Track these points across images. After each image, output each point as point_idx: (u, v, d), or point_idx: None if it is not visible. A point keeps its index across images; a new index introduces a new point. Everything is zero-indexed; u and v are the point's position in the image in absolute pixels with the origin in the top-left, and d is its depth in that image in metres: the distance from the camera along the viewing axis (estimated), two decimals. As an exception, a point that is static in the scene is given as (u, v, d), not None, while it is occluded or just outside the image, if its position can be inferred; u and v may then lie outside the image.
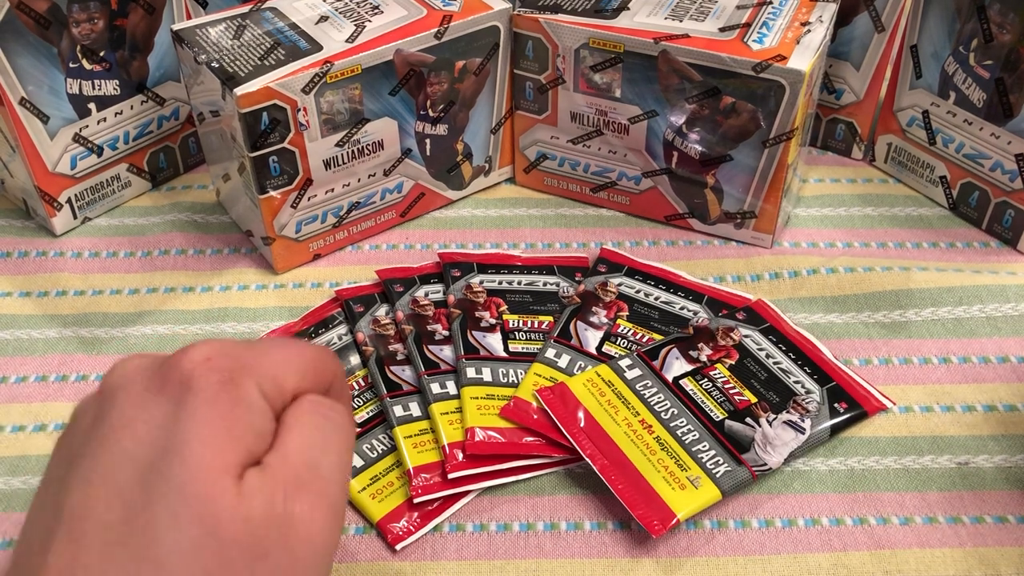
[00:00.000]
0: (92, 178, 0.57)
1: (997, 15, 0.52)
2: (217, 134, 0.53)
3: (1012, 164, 0.55)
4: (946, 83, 0.56)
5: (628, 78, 0.53)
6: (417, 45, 0.52)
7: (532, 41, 0.55)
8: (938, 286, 0.52)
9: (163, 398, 0.28)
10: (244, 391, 0.28)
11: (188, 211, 0.60)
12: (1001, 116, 0.54)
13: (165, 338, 0.51)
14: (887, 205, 0.60)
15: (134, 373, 0.29)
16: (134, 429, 0.27)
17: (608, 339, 0.49)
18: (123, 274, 0.55)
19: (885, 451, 0.45)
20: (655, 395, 0.46)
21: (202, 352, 0.29)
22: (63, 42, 0.53)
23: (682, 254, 0.56)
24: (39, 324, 0.52)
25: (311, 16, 0.53)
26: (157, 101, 0.59)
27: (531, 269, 0.54)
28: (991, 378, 0.48)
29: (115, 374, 0.29)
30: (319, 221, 0.54)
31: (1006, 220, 0.56)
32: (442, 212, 0.60)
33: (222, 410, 0.27)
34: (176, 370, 0.28)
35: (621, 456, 0.43)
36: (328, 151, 0.52)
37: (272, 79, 0.48)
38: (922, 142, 0.60)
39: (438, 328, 0.49)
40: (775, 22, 0.53)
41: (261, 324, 0.52)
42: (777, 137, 0.52)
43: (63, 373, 0.49)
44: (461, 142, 0.58)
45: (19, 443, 0.46)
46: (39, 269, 0.55)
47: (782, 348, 0.49)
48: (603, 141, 0.57)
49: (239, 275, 0.55)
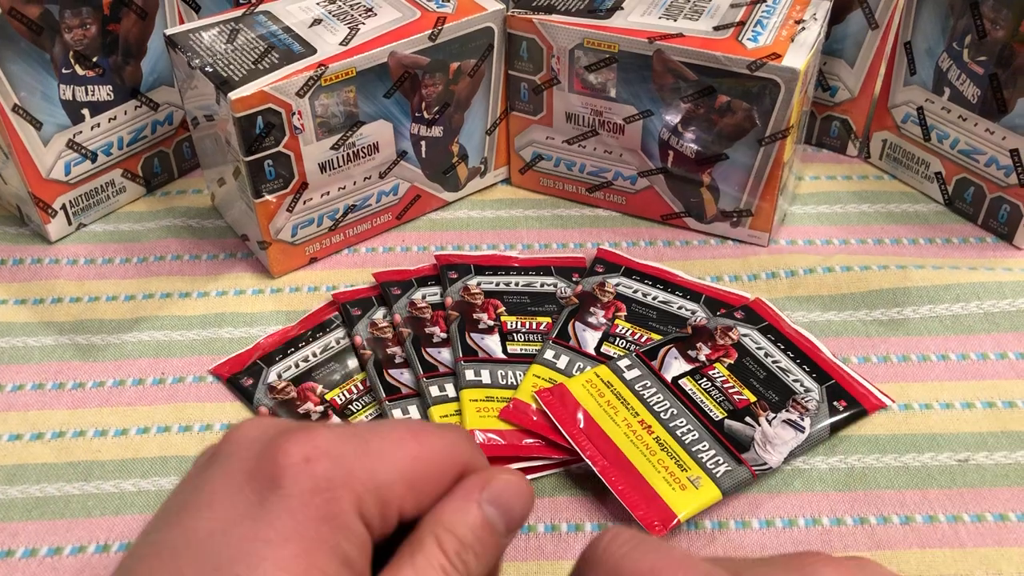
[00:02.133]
0: (86, 184, 0.57)
1: (990, 11, 0.52)
2: (212, 138, 0.53)
3: (1007, 159, 0.55)
4: (940, 79, 0.56)
5: (623, 78, 0.53)
6: (411, 47, 0.52)
7: (526, 42, 0.55)
8: (935, 283, 0.52)
9: (252, 489, 0.24)
10: (339, 507, 0.24)
11: (183, 216, 0.59)
12: (995, 112, 0.54)
13: (162, 344, 0.51)
14: (883, 202, 0.60)
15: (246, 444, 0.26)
16: (215, 514, 0.24)
17: (606, 339, 0.49)
18: (119, 280, 0.55)
19: (885, 449, 0.45)
20: (654, 395, 0.46)
21: (302, 449, 0.25)
22: (56, 48, 0.53)
23: (679, 253, 0.56)
24: (35, 332, 0.52)
25: (304, 19, 0.53)
26: (151, 106, 0.59)
27: (528, 270, 0.54)
28: (989, 374, 0.48)
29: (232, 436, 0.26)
30: (315, 224, 0.54)
31: (1001, 215, 0.57)
32: (438, 214, 0.60)
33: (308, 525, 0.24)
34: (271, 462, 0.24)
35: (621, 457, 0.43)
36: (323, 154, 0.52)
37: (266, 83, 0.48)
38: (917, 138, 0.60)
39: (436, 330, 0.49)
40: (769, 20, 0.53)
41: (258, 329, 0.51)
42: (772, 135, 0.52)
43: (60, 381, 0.49)
44: (456, 144, 0.58)
45: (16, 452, 0.46)
46: (34, 276, 0.55)
47: (781, 347, 0.49)
48: (599, 141, 0.57)
49: (235, 280, 0.55)
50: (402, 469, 0.26)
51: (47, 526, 0.42)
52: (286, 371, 0.48)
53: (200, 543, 0.24)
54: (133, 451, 0.45)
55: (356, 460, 0.25)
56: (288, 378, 0.48)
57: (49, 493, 0.44)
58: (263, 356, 0.49)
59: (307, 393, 0.47)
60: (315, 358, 0.49)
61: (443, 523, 0.26)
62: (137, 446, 0.46)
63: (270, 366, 0.49)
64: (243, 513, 0.24)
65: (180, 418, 0.47)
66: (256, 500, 0.24)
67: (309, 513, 0.24)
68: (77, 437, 0.46)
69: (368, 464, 0.25)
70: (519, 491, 0.27)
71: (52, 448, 0.46)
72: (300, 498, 0.24)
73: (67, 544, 0.42)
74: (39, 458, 0.45)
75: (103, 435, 0.46)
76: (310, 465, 0.24)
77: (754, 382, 0.46)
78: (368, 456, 0.25)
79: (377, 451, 0.26)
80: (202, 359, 0.50)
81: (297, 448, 0.25)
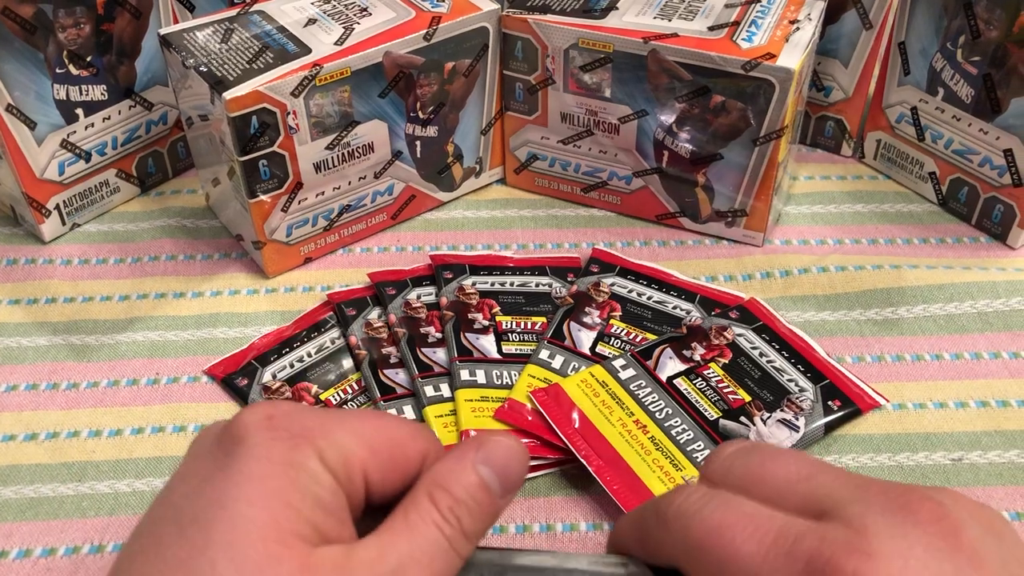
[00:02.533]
0: (80, 184, 0.57)
1: (984, 11, 0.52)
2: (206, 138, 0.53)
3: (1000, 159, 0.55)
4: (934, 79, 0.57)
5: (618, 78, 0.53)
6: (406, 47, 0.52)
7: (521, 42, 0.55)
8: (929, 283, 0.53)
9: (218, 451, 0.26)
10: (302, 454, 0.25)
11: (178, 216, 0.59)
12: (989, 112, 0.54)
13: (156, 344, 0.51)
14: (877, 201, 0.60)
15: (207, 431, 0.27)
16: (187, 482, 0.25)
17: (601, 339, 0.49)
18: (113, 280, 0.55)
19: (879, 448, 0.45)
20: (649, 395, 0.46)
21: (264, 410, 0.26)
22: (49, 47, 0.52)
23: (674, 253, 0.56)
24: (29, 332, 0.52)
25: (299, 19, 0.53)
26: (145, 106, 0.59)
27: (523, 270, 0.54)
28: (983, 374, 0.49)
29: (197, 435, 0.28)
30: (310, 224, 0.54)
31: (995, 215, 0.57)
32: (433, 214, 0.60)
33: (274, 467, 0.25)
34: (234, 425, 0.26)
35: (616, 456, 0.43)
36: (318, 154, 0.52)
37: (261, 83, 0.48)
38: (911, 138, 0.60)
39: (431, 330, 0.49)
40: (764, 20, 0.53)
41: (253, 329, 0.51)
42: (767, 135, 0.52)
43: (54, 381, 0.49)
44: (451, 144, 0.58)
45: (10, 452, 0.45)
46: (28, 276, 0.55)
47: (775, 346, 0.49)
48: (593, 141, 0.57)
49: (230, 280, 0.55)
50: (361, 433, 0.26)
51: (41, 527, 0.42)
52: (281, 371, 0.48)
53: (176, 507, 0.25)
54: (127, 451, 0.45)
55: (315, 421, 0.26)
56: (283, 378, 0.48)
57: (43, 494, 0.44)
58: (258, 356, 0.49)
59: (302, 393, 0.47)
60: (310, 358, 0.49)
61: (437, 481, 0.27)
62: (131, 446, 0.46)
63: (265, 366, 0.48)
64: (212, 470, 0.25)
65: (175, 418, 0.47)
66: (223, 456, 0.25)
67: (274, 457, 0.25)
68: (71, 437, 0.46)
69: (327, 425, 0.26)
70: (514, 453, 0.28)
71: (46, 448, 0.46)
72: (264, 445, 0.25)
73: (61, 545, 0.41)
74: (33, 458, 0.45)
75: (97, 435, 0.46)
76: (272, 420, 0.26)
77: (749, 382, 0.47)
78: (328, 421, 0.26)
79: (337, 418, 0.27)
80: (197, 359, 0.50)
81: (260, 409, 0.26)
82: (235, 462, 0.25)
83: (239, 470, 0.25)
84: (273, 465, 0.25)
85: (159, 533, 0.25)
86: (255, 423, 0.26)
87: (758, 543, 0.24)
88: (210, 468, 0.25)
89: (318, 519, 0.25)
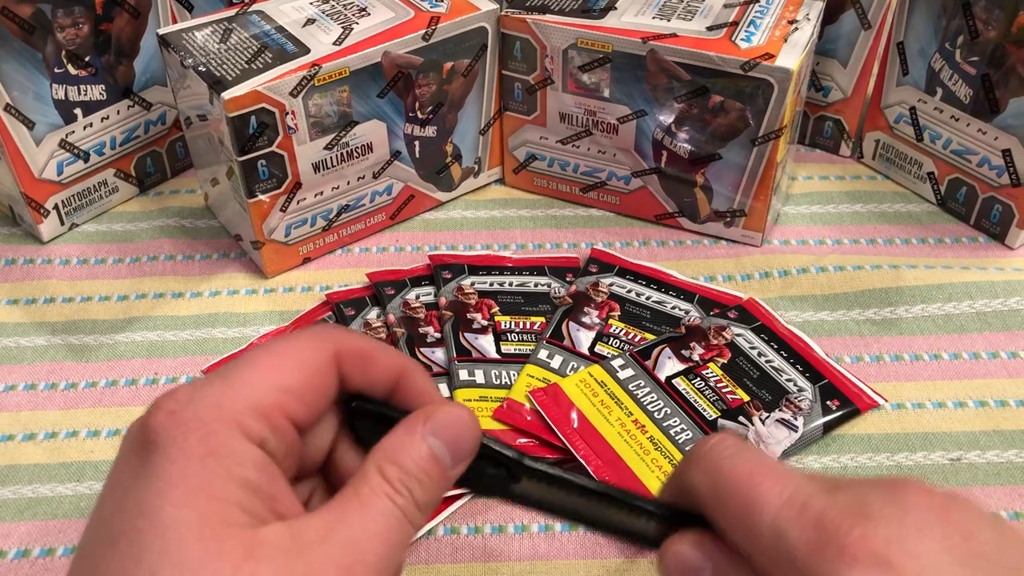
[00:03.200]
0: (79, 184, 0.57)
1: (982, 11, 0.52)
2: (205, 138, 0.53)
3: (999, 159, 0.55)
4: (933, 80, 0.57)
5: (616, 78, 0.53)
6: (405, 47, 0.52)
7: (520, 42, 0.55)
8: (928, 283, 0.53)
9: (135, 459, 0.25)
10: (219, 439, 0.25)
11: (176, 216, 0.59)
12: (988, 112, 0.54)
13: (155, 344, 0.51)
14: (875, 202, 0.60)
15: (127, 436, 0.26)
16: (111, 493, 0.25)
17: (600, 339, 0.49)
18: (112, 280, 0.55)
19: (878, 448, 0.45)
20: (648, 395, 0.46)
21: (166, 406, 0.25)
22: (48, 47, 0.52)
23: (672, 253, 0.56)
24: (27, 332, 0.52)
25: (298, 19, 0.53)
26: (144, 106, 0.59)
27: (522, 270, 0.54)
28: (981, 374, 0.49)
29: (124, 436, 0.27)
30: (308, 224, 0.54)
31: (994, 215, 0.57)
32: (432, 214, 0.60)
33: (196, 465, 0.24)
34: (143, 428, 0.25)
35: (615, 456, 0.43)
36: (317, 154, 0.52)
37: (260, 83, 0.48)
38: (910, 138, 0.60)
39: (430, 330, 0.49)
40: (762, 20, 0.53)
41: (251, 329, 0.51)
42: (766, 135, 0.52)
43: (52, 381, 0.49)
44: (450, 144, 0.58)
45: (8, 452, 0.45)
46: (27, 276, 0.55)
47: (774, 346, 0.49)
48: (592, 141, 0.57)
49: (229, 280, 0.55)
50: (269, 381, 0.26)
51: (40, 527, 0.42)
52: (280, 371, 0.48)
53: (106, 523, 0.24)
54: (126, 451, 0.45)
55: (220, 394, 0.25)
56: (282, 378, 0.48)
57: (42, 494, 0.44)
58: (256, 356, 0.49)
59: (301, 393, 0.47)
60: (309, 358, 0.49)
61: (386, 455, 0.27)
62: (130, 446, 0.45)
63: (263, 366, 0.48)
64: (131, 479, 0.24)
65: (173, 418, 0.47)
66: (138, 463, 0.25)
67: (190, 454, 0.24)
68: (70, 437, 0.46)
69: (233, 393, 0.26)
70: (463, 423, 0.28)
71: (44, 449, 0.46)
72: (177, 445, 0.24)
73: (60, 545, 0.41)
74: (31, 459, 0.45)
75: (96, 435, 0.46)
76: (176, 415, 0.25)
77: (747, 382, 0.47)
78: (231, 387, 0.26)
79: (238, 379, 0.26)
80: (195, 359, 0.50)
81: (162, 406, 0.25)
82: (150, 468, 0.24)
83: (156, 475, 0.24)
84: (189, 462, 0.24)
85: (95, 553, 0.24)
86: (160, 423, 0.25)
87: (778, 495, 0.26)
88: (129, 477, 0.25)
89: (250, 502, 0.24)
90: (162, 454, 0.24)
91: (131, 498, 0.24)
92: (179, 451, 0.24)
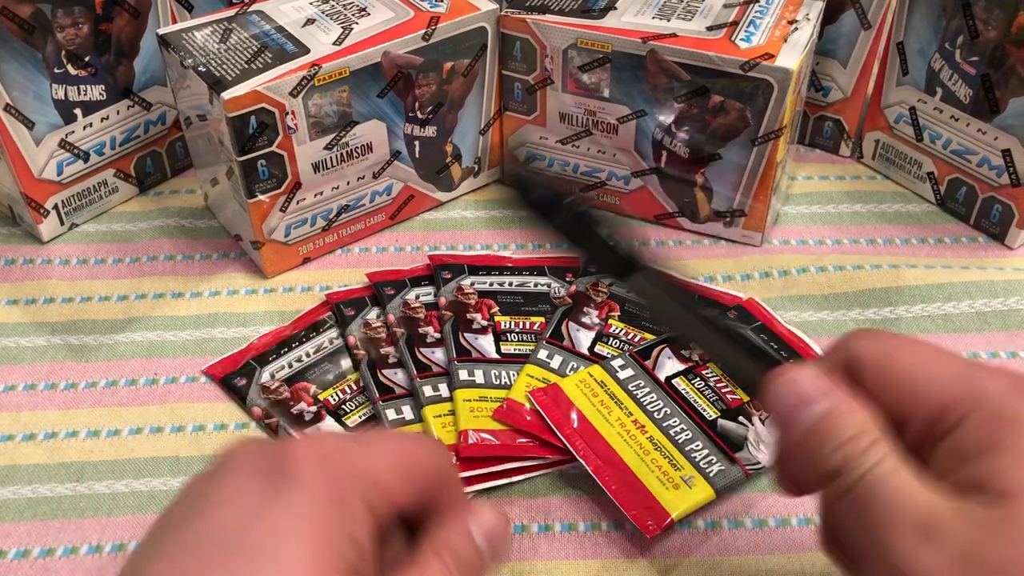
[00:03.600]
0: (79, 184, 0.57)
1: (982, 11, 0.52)
2: (205, 138, 0.53)
3: (999, 159, 0.55)
4: (933, 80, 0.57)
5: (616, 78, 0.53)
6: (405, 47, 0.52)
7: (520, 42, 0.55)
8: (927, 283, 0.53)
9: (266, 484, 0.26)
10: (347, 495, 0.27)
11: (176, 216, 0.59)
12: (987, 112, 0.54)
13: (155, 345, 0.51)
14: (875, 202, 0.60)
15: (246, 455, 0.28)
16: (229, 509, 0.26)
17: (600, 339, 0.49)
18: (111, 280, 0.55)
19: (877, 448, 0.45)
20: (648, 395, 0.46)
21: (312, 447, 0.27)
22: (48, 47, 0.52)
23: (672, 253, 0.56)
24: (27, 332, 0.52)
25: (298, 19, 0.53)
26: (143, 106, 0.59)
27: (522, 270, 0.54)
28: (981, 373, 0.49)
29: (227, 454, 0.28)
30: (308, 224, 0.54)
31: (993, 215, 0.57)
32: (432, 214, 0.60)
33: (325, 510, 0.26)
34: (284, 459, 0.27)
35: (615, 456, 0.43)
36: (317, 154, 0.52)
37: (259, 83, 0.48)
38: (909, 138, 0.60)
39: (429, 330, 0.49)
40: (762, 20, 0.53)
41: (251, 329, 0.51)
42: (765, 135, 0.52)
43: (52, 381, 0.49)
44: (450, 144, 0.58)
45: (8, 452, 0.45)
46: (26, 276, 0.55)
47: (774, 346, 0.49)
48: (592, 141, 0.57)
49: (228, 280, 0.55)
50: (396, 464, 0.28)
51: (39, 527, 0.42)
52: (279, 371, 0.48)
53: (217, 536, 0.25)
54: (126, 451, 0.45)
55: (358, 457, 0.28)
56: (281, 378, 0.48)
57: (41, 494, 0.44)
58: (256, 356, 0.49)
59: (300, 393, 0.47)
60: (308, 358, 0.49)
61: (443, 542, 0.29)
62: (130, 446, 0.46)
63: (263, 366, 0.48)
64: (259, 504, 0.26)
65: (173, 418, 0.47)
66: (271, 492, 0.26)
67: (323, 499, 0.26)
68: (69, 438, 0.46)
69: (368, 461, 0.28)
70: (503, 529, 0.30)
71: (44, 449, 0.46)
72: (314, 487, 0.26)
73: (59, 545, 0.41)
74: (31, 459, 0.45)
75: (95, 435, 0.46)
76: (321, 460, 0.27)
77: (747, 382, 0.47)
78: (367, 455, 0.28)
79: (374, 451, 0.29)
80: (195, 359, 0.50)
81: (309, 446, 0.27)
82: (284, 498, 0.26)
83: (288, 509, 0.26)
84: (321, 505, 0.26)
85: (202, 557, 0.25)
86: (306, 459, 0.27)
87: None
88: (256, 500, 0.26)
89: (354, 559, 0.26)
90: (300, 490, 0.26)
91: (257, 521, 0.25)
92: (314, 491, 0.26)
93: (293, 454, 0.27)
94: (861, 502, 0.26)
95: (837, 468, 0.27)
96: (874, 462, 0.26)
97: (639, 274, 0.33)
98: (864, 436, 0.27)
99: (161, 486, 0.44)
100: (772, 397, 0.29)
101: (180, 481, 0.44)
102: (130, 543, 0.42)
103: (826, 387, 0.28)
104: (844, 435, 0.27)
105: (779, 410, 0.29)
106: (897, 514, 0.25)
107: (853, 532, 0.27)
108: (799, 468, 0.29)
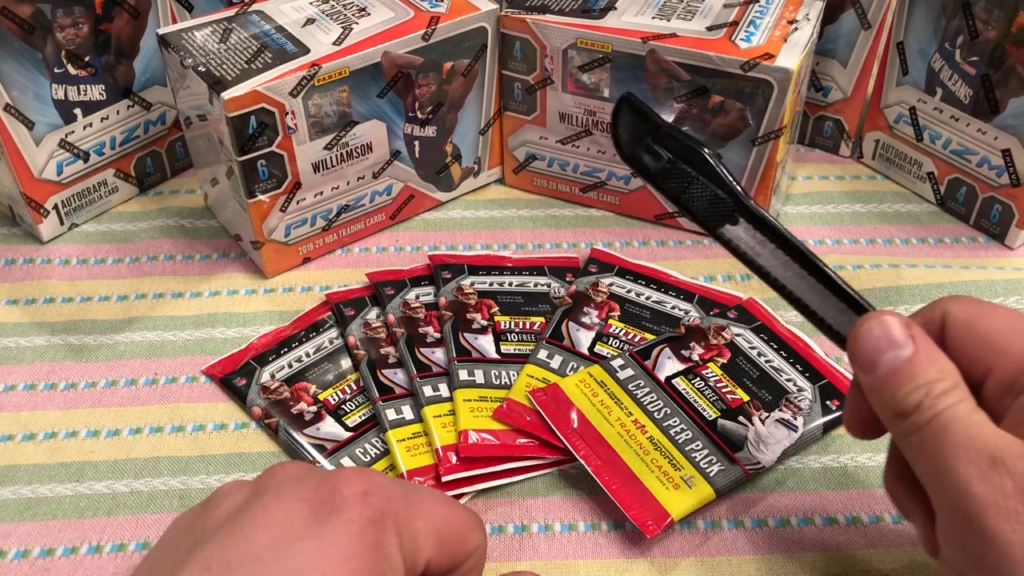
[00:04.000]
0: (79, 184, 0.57)
1: (982, 11, 0.52)
2: (204, 138, 0.53)
3: (999, 159, 0.55)
4: (932, 80, 0.57)
5: (616, 78, 0.53)
6: (405, 47, 0.52)
7: (520, 42, 0.55)
8: (928, 282, 0.53)
9: (310, 513, 0.27)
10: (387, 539, 0.27)
11: (176, 216, 0.59)
12: (987, 112, 0.54)
13: (155, 345, 0.51)
14: (875, 202, 0.60)
15: (291, 479, 0.28)
16: (271, 532, 0.27)
17: (600, 339, 0.49)
18: (111, 280, 0.55)
19: (878, 448, 0.45)
20: (648, 395, 0.46)
21: (362, 484, 0.28)
22: (48, 47, 0.52)
23: (672, 253, 0.56)
24: (27, 332, 0.52)
25: (298, 19, 0.53)
26: (143, 106, 0.59)
27: (522, 270, 0.54)
28: (981, 373, 0.49)
29: (273, 474, 0.29)
30: (308, 224, 0.54)
31: (993, 215, 0.57)
32: (432, 214, 0.60)
33: (364, 549, 0.27)
34: (331, 491, 0.28)
35: (615, 456, 0.43)
36: (317, 154, 0.52)
37: (259, 83, 0.48)
38: (909, 138, 0.60)
39: (429, 330, 0.49)
40: (762, 20, 0.53)
41: (251, 329, 0.51)
42: (765, 135, 0.52)
43: (52, 381, 0.49)
44: (450, 144, 0.58)
45: (8, 452, 0.45)
46: (26, 276, 0.55)
47: (774, 346, 0.49)
48: (592, 141, 0.57)
49: (228, 280, 0.55)
50: (434, 523, 0.29)
51: (39, 527, 0.42)
52: (279, 371, 0.48)
53: (257, 556, 0.26)
54: (126, 451, 0.45)
55: (402, 504, 0.29)
56: (281, 378, 0.48)
57: (41, 494, 0.44)
58: (256, 356, 0.49)
59: (300, 393, 0.47)
60: (308, 358, 0.49)
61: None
62: (130, 446, 0.46)
63: (263, 366, 0.48)
64: (303, 531, 0.26)
65: (173, 418, 0.47)
66: (315, 522, 0.27)
67: (365, 538, 0.27)
68: (69, 438, 0.46)
69: (411, 510, 0.29)
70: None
71: (44, 449, 0.46)
72: (359, 523, 0.27)
73: (59, 545, 0.41)
74: (31, 459, 0.45)
75: (95, 436, 0.46)
76: (369, 497, 0.28)
77: (747, 381, 0.47)
78: (411, 504, 0.29)
79: (417, 502, 0.29)
80: (195, 359, 0.50)
81: (358, 481, 0.28)
82: (329, 533, 0.26)
83: (331, 542, 0.26)
84: (362, 545, 0.27)
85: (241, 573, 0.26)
86: (353, 497, 0.27)
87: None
88: (298, 529, 0.27)
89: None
90: (343, 525, 0.27)
91: (298, 550, 0.26)
92: (357, 529, 0.27)
93: (346, 487, 0.28)
94: (935, 434, 0.28)
95: (915, 405, 0.28)
96: (951, 403, 0.28)
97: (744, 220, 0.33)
98: (944, 380, 0.28)
99: (161, 486, 0.44)
100: (860, 338, 0.30)
101: (180, 481, 0.44)
102: (130, 543, 0.42)
103: (915, 334, 0.29)
104: (926, 377, 0.29)
105: (865, 350, 0.30)
106: (969, 445, 0.27)
107: (922, 464, 0.28)
108: (876, 407, 0.30)
